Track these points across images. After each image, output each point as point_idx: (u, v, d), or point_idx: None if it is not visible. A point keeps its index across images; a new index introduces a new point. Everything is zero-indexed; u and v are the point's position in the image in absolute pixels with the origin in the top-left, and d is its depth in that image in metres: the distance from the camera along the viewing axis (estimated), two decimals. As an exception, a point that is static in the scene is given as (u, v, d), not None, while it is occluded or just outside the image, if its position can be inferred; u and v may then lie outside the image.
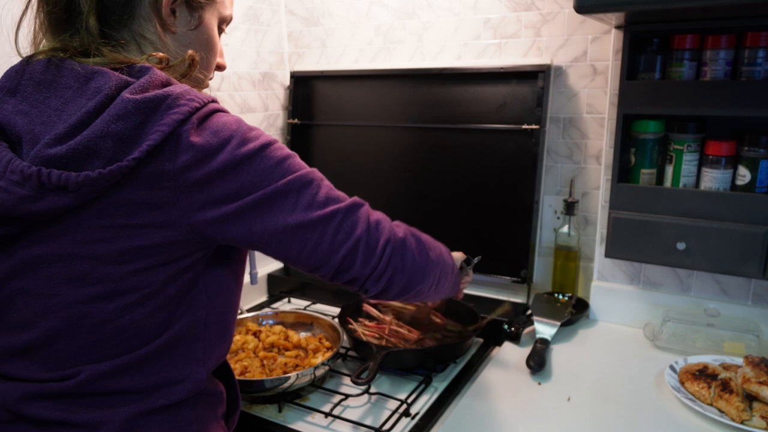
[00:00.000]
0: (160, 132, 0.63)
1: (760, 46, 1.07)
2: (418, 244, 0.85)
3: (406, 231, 0.84)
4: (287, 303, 1.62)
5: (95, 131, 0.62)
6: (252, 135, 0.70)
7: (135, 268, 0.67)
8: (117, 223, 0.65)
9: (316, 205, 0.72)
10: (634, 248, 1.19)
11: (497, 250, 1.47)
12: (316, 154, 1.73)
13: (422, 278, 0.85)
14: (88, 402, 0.70)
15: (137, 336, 0.70)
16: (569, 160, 1.43)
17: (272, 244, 0.72)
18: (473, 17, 1.47)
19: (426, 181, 1.56)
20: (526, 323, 1.32)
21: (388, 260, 0.78)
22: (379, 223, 0.79)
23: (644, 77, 1.17)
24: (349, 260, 0.75)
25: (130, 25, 0.72)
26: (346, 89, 1.66)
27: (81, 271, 0.66)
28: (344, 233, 0.74)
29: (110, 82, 0.64)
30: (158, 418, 0.72)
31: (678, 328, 1.24)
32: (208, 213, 0.67)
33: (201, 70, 0.79)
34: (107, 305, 0.67)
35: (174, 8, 0.74)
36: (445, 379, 1.17)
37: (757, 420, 0.95)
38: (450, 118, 1.51)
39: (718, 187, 1.13)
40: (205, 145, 0.66)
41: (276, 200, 0.70)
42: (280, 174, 0.70)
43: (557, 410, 1.03)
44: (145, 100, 0.64)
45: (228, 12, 0.83)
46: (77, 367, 0.69)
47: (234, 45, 1.56)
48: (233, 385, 0.89)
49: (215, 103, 0.70)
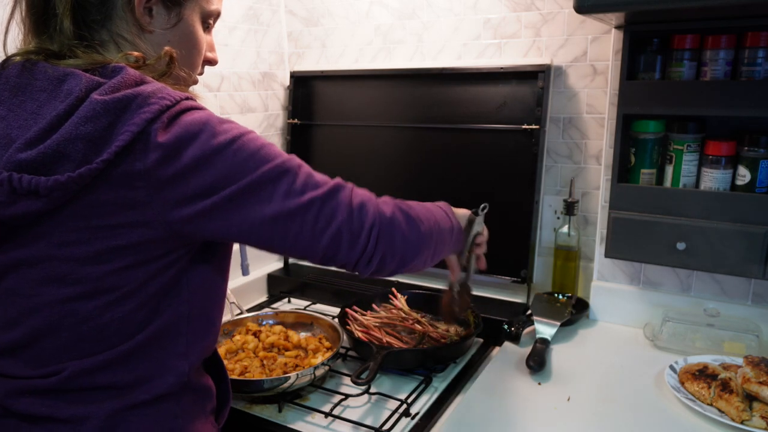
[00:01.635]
0: (129, 132, 0.63)
1: (760, 46, 1.06)
2: (407, 220, 0.81)
3: (394, 208, 0.81)
4: (287, 303, 1.62)
5: (65, 134, 0.62)
6: (222, 128, 0.68)
7: (114, 267, 0.67)
8: (93, 224, 0.65)
9: (293, 193, 0.71)
10: (634, 248, 1.19)
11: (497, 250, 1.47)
12: (316, 154, 1.73)
13: (415, 254, 0.82)
14: (73, 397, 0.70)
15: (119, 332, 0.70)
16: (569, 160, 1.43)
17: (253, 237, 0.71)
18: (473, 17, 1.47)
19: (426, 181, 1.56)
20: (526, 323, 1.32)
21: (376, 242, 0.76)
22: (364, 205, 0.76)
23: (644, 77, 1.17)
24: (333, 246, 0.74)
25: (108, 26, 0.72)
26: (346, 89, 1.66)
27: (60, 272, 0.66)
28: (324, 220, 0.72)
29: (81, 84, 0.64)
30: (142, 412, 0.72)
31: (678, 328, 1.24)
32: (183, 210, 0.67)
33: (182, 67, 0.78)
34: (88, 304, 0.68)
35: (150, 7, 0.74)
36: (445, 379, 1.17)
37: (757, 420, 0.95)
38: (450, 118, 1.51)
39: (718, 187, 1.13)
40: (174, 141, 0.65)
41: (252, 192, 0.69)
42: (255, 165, 0.69)
43: (557, 410, 1.03)
44: (114, 101, 0.63)
45: (213, 6, 0.81)
46: (61, 364, 0.69)
47: (234, 45, 1.56)
48: (224, 381, 0.89)
49: (189, 100, 0.69)
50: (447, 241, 0.94)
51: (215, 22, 0.84)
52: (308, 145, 1.74)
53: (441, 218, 0.92)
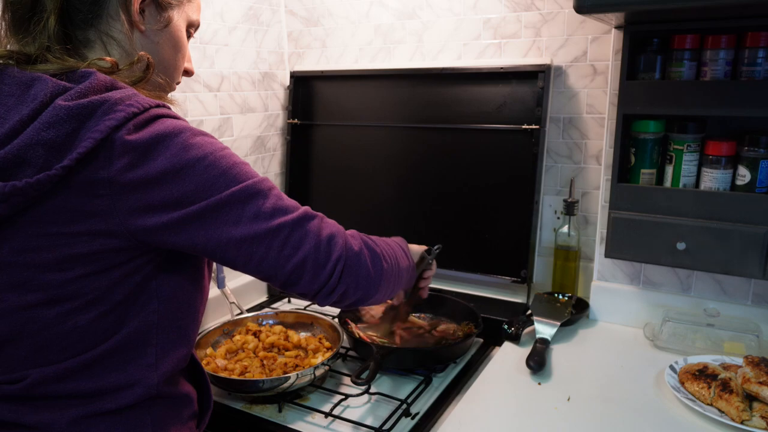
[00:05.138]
0: (92, 139, 0.62)
1: (760, 46, 1.06)
2: (373, 256, 0.83)
3: (361, 243, 0.82)
4: (287, 303, 1.62)
5: (25, 140, 0.61)
6: (195, 141, 0.67)
7: (75, 275, 0.66)
8: (53, 231, 0.64)
9: (262, 217, 0.70)
10: (634, 248, 1.19)
11: (497, 250, 1.47)
12: (316, 154, 1.73)
13: (376, 290, 0.83)
14: (38, 404, 0.70)
15: (83, 340, 0.69)
16: (569, 160, 1.43)
17: (217, 255, 0.71)
18: (473, 17, 1.47)
19: (426, 180, 1.56)
20: (526, 323, 1.32)
21: (340, 276, 0.76)
22: (332, 237, 0.76)
23: (644, 77, 1.17)
24: (296, 275, 0.73)
25: (97, 25, 0.72)
26: (346, 89, 1.66)
27: (21, 278, 0.66)
28: (291, 248, 0.72)
29: (46, 89, 0.63)
30: (107, 420, 0.71)
31: (678, 328, 1.24)
32: (147, 219, 0.66)
33: (160, 73, 0.77)
34: (50, 311, 0.67)
35: (143, 7, 0.74)
36: (445, 379, 1.17)
37: (757, 420, 0.95)
38: (450, 118, 1.51)
39: (718, 187, 1.13)
40: (142, 148, 0.64)
41: (220, 211, 0.68)
42: (225, 184, 0.68)
43: (557, 410, 1.03)
44: (79, 107, 0.62)
45: (195, 17, 0.82)
46: (25, 371, 0.69)
47: (234, 45, 1.56)
48: (205, 386, 0.89)
49: (161, 108, 0.68)
50: (403, 278, 0.96)
51: (194, 32, 0.85)
52: (308, 145, 1.74)
53: (400, 256, 0.94)
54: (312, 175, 1.75)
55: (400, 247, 0.97)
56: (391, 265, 0.87)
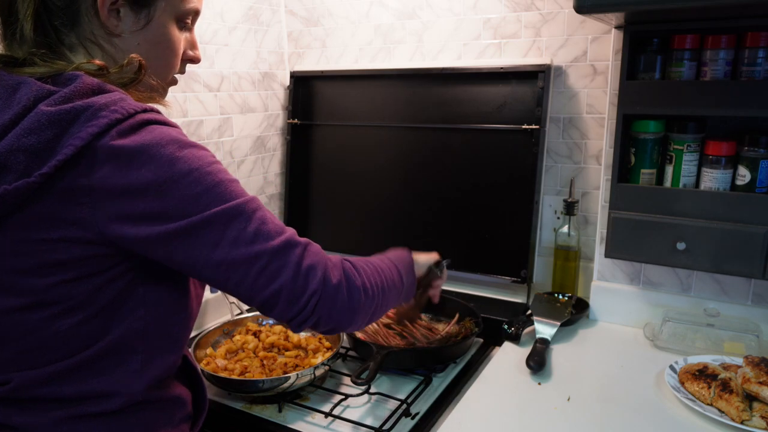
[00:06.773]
0: (72, 146, 0.61)
1: (760, 46, 1.06)
2: (350, 289, 0.77)
3: (341, 275, 0.76)
4: (287, 303, 1.62)
5: (6, 145, 0.61)
6: (182, 153, 0.65)
7: (57, 280, 0.65)
8: (34, 237, 0.64)
9: (242, 242, 0.67)
10: (634, 248, 1.19)
11: (497, 250, 1.47)
12: (316, 154, 1.73)
13: (350, 321, 0.78)
14: (23, 406, 0.70)
15: (65, 346, 0.68)
16: (569, 160, 1.43)
17: (194, 272, 0.69)
18: (473, 17, 1.47)
19: (426, 181, 1.56)
20: (526, 323, 1.32)
21: (313, 309, 0.73)
22: (311, 269, 0.72)
23: (644, 77, 1.17)
24: (271, 302, 0.71)
25: (76, 30, 0.70)
26: (346, 89, 1.66)
27: (4, 283, 0.65)
28: (266, 278, 0.69)
29: (29, 93, 0.62)
30: (92, 422, 0.71)
31: (678, 328, 1.24)
32: (126, 229, 0.64)
33: (154, 74, 0.75)
34: (33, 315, 0.66)
35: (116, 9, 0.71)
36: (445, 379, 1.17)
37: (757, 420, 0.95)
38: (450, 118, 1.51)
39: (718, 187, 1.13)
40: (124, 157, 0.63)
41: (200, 232, 0.66)
42: (208, 202, 0.66)
43: (557, 410, 1.03)
44: (61, 113, 0.61)
45: (190, 5, 0.77)
46: (9, 374, 0.69)
47: (234, 45, 1.56)
48: (200, 387, 0.88)
49: (149, 113, 0.66)
50: (391, 302, 0.90)
51: (195, 19, 0.81)
52: (308, 145, 1.74)
53: (390, 281, 0.88)
54: (312, 175, 1.75)
55: (396, 267, 0.90)
56: (374, 295, 0.82)
